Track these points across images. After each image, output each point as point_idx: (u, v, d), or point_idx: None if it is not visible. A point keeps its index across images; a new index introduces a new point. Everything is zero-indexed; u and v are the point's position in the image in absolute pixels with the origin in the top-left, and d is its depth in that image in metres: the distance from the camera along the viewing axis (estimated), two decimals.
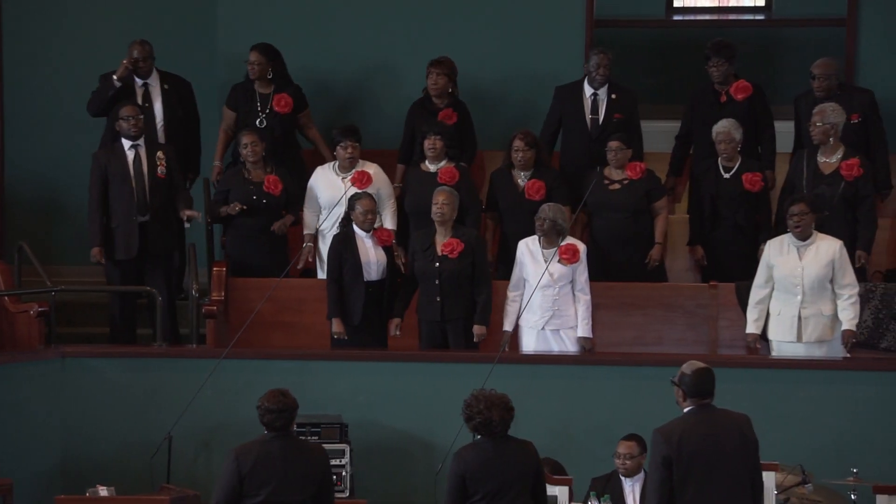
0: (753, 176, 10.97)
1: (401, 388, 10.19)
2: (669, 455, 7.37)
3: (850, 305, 10.16)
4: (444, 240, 10.49)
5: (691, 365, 7.61)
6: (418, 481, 9.98)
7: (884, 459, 9.50)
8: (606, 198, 10.97)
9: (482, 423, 7.71)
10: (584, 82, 11.49)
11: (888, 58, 12.05)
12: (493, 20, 12.28)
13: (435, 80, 11.51)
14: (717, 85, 11.40)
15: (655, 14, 13.79)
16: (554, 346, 10.42)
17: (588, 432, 9.94)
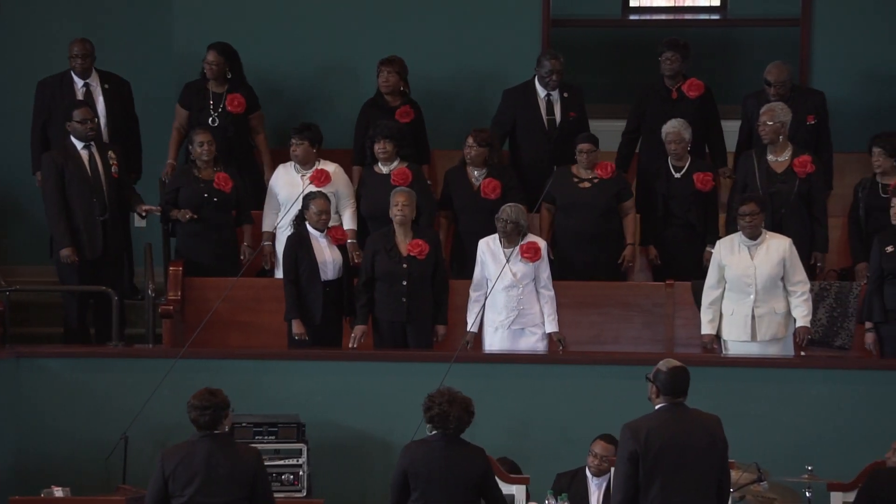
0: (705, 175, 11.02)
1: (358, 387, 10.18)
2: (636, 450, 7.38)
3: (802, 302, 10.22)
4: (405, 240, 10.48)
5: (667, 363, 7.63)
6: (375, 480, 9.97)
7: (838, 457, 9.55)
8: (576, 196, 10.99)
9: (439, 414, 7.71)
10: (535, 83, 11.51)
11: (841, 58, 12.12)
12: (449, 19, 12.29)
13: (386, 78, 11.50)
14: (667, 80, 11.44)
15: (611, 14, 13.83)
16: (520, 344, 10.43)
17: (546, 431, 9.96)
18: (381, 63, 11.54)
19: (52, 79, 11.62)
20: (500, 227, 10.42)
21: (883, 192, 10.73)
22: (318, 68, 12.31)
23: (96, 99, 11.55)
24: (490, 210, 10.88)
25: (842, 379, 9.96)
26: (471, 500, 7.70)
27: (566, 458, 9.42)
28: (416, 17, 12.29)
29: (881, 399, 9.84)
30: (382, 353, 10.43)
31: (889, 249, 10.17)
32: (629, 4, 13.95)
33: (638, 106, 11.52)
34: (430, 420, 7.76)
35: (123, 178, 11.18)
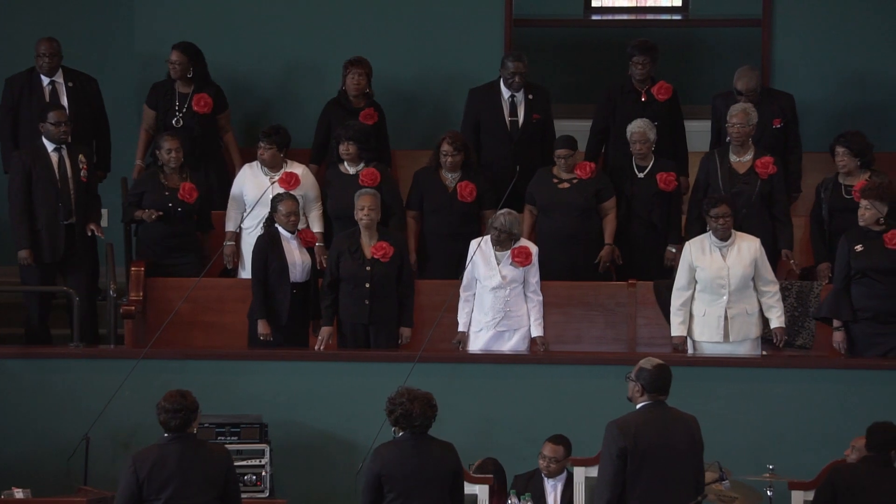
0: (668, 176, 11.05)
1: (321, 387, 10.17)
2: (626, 447, 7.39)
3: (776, 303, 10.28)
4: (370, 242, 10.48)
5: (650, 361, 7.66)
6: (338, 481, 9.96)
7: (799, 456, 9.60)
8: (555, 197, 11.01)
9: (403, 414, 7.71)
10: (500, 84, 11.52)
11: (803, 58, 12.18)
12: (411, 19, 12.29)
13: (357, 80, 11.49)
14: (636, 83, 11.48)
15: (573, 13, 13.85)
16: (504, 346, 10.45)
17: (509, 431, 9.97)
18: (349, 64, 11.53)
19: (20, 76, 11.56)
20: (494, 236, 10.41)
21: (846, 194, 10.77)
22: (285, 67, 12.30)
23: (61, 97, 11.50)
24: (463, 213, 10.91)
25: (803, 378, 10.01)
26: (445, 496, 7.70)
27: (529, 457, 9.44)
28: (378, 17, 12.29)
29: (842, 398, 9.89)
30: (345, 353, 10.43)
31: (858, 248, 10.22)
32: (591, 4, 13.97)
33: (605, 106, 11.55)
34: (395, 422, 7.75)
35: (92, 182, 11.13)
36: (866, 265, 10.17)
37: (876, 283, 10.15)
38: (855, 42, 12.15)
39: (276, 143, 11.04)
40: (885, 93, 12.18)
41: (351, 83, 11.50)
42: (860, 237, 10.24)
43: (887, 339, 10.15)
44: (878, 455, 8.07)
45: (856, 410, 9.76)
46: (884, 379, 9.92)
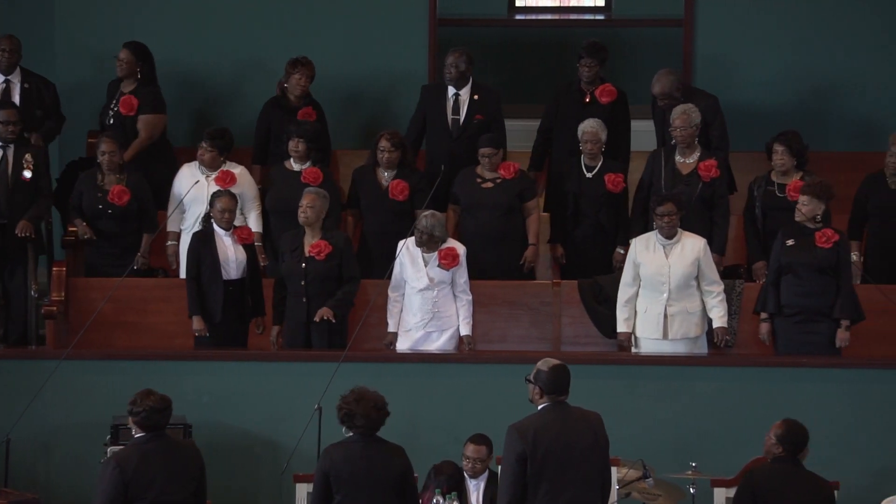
0: (616, 176, 11.09)
1: (246, 387, 10.14)
2: (524, 451, 7.41)
3: (718, 303, 10.34)
4: (312, 241, 10.47)
5: (547, 362, 7.67)
6: (263, 481, 9.93)
7: (721, 453, 9.67)
8: (479, 197, 11.02)
9: (347, 414, 7.72)
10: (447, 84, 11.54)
11: (725, 58, 12.27)
12: (342, 19, 12.29)
13: (301, 80, 11.48)
14: (583, 84, 11.51)
15: (498, 13, 13.88)
16: (433, 347, 10.45)
17: (433, 430, 9.98)
18: (295, 64, 11.51)
19: None
20: (417, 237, 10.42)
21: (779, 192, 10.84)
22: (230, 66, 12.27)
23: (13, 96, 11.42)
24: (397, 211, 10.91)
25: (725, 375, 10.09)
26: (393, 498, 7.69)
27: (455, 456, 9.44)
28: (311, 16, 12.27)
29: (764, 395, 9.97)
30: (269, 353, 10.40)
31: (790, 243, 10.31)
32: (515, 4, 14.01)
33: (552, 106, 11.58)
34: (340, 421, 7.76)
35: (40, 182, 11.01)
36: (794, 261, 10.26)
37: (802, 279, 10.24)
38: (776, 41, 12.26)
39: (218, 146, 11.04)
40: (807, 92, 12.29)
41: (296, 83, 11.50)
42: (795, 232, 10.33)
43: (810, 336, 10.24)
44: (789, 456, 8.11)
45: (778, 408, 9.83)
46: (805, 377, 10.02)
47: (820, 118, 12.16)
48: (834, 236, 10.23)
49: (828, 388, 9.97)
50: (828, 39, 12.19)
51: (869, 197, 10.99)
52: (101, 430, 9.68)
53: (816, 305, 10.22)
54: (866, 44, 12.13)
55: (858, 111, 12.20)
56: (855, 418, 9.89)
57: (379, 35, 12.27)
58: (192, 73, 12.25)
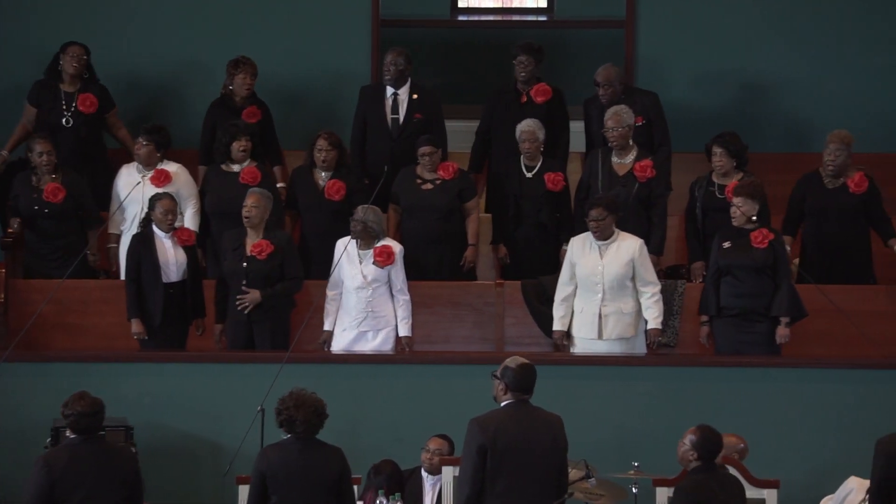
0: (556, 176, 11.12)
1: (187, 389, 10.10)
2: (485, 444, 7.42)
3: (653, 304, 10.37)
4: (254, 241, 10.45)
5: (515, 360, 7.69)
6: (205, 483, 9.90)
7: (663, 452, 9.67)
8: (418, 198, 11.02)
9: (286, 420, 7.71)
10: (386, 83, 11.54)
11: (667, 59, 12.33)
12: (286, 19, 12.28)
13: (245, 80, 11.46)
14: (519, 84, 11.54)
15: (440, 14, 13.89)
16: (368, 346, 10.44)
17: (378, 431, 9.97)
18: (236, 64, 11.49)
19: None
20: (352, 227, 10.43)
21: (720, 193, 10.90)
22: (171, 67, 12.22)
23: None
24: (334, 211, 10.89)
25: (666, 375, 10.14)
26: (331, 500, 7.68)
27: (398, 457, 9.44)
28: (257, 16, 12.25)
29: (706, 394, 10.02)
30: (211, 354, 10.37)
31: (726, 245, 10.37)
32: (458, 5, 14.02)
33: (489, 107, 11.60)
34: (280, 425, 7.75)
35: None
36: (732, 262, 10.32)
37: (740, 280, 10.30)
38: (717, 42, 12.32)
39: (155, 141, 11.00)
40: (748, 92, 12.36)
41: (240, 83, 11.47)
42: (731, 234, 10.39)
43: (750, 336, 10.30)
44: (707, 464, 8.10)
45: (719, 407, 9.90)
46: (747, 376, 10.07)
47: (756, 119, 12.23)
48: (769, 235, 10.30)
49: (768, 387, 10.04)
50: (765, 40, 12.26)
51: (805, 197, 11.06)
52: (42, 433, 9.62)
53: (755, 305, 10.28)
54: (801, 45, 12.21)
55: (793, 112, 12.28)
56: (795, 417, 9.95)
57: (322, 36, 12.26)
58: (132, 74, 12.19)
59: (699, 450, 7.98)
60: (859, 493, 8.84)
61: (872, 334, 10.06)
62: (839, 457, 9.69)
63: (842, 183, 11.00)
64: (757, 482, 8.88)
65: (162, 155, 11.07)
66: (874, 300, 10.77)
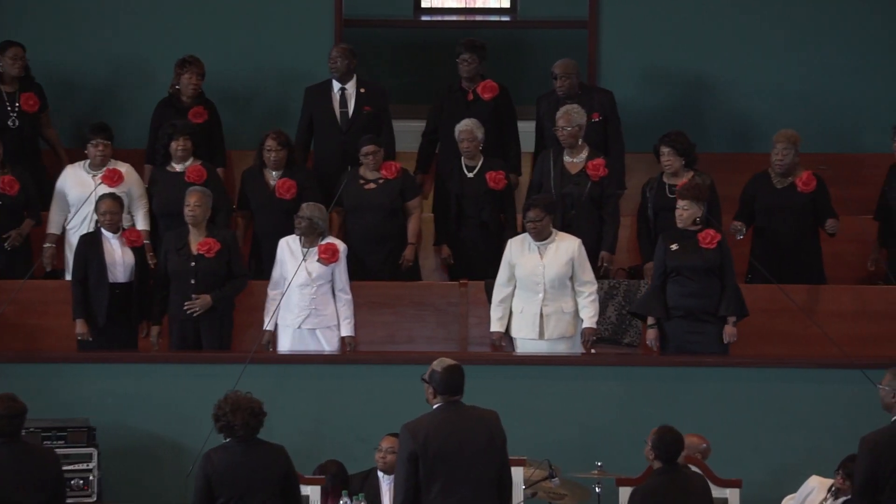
0: (497, 174, 11.14)
1: (150, 389, 10.07)
2: (415, 451, 7.44)
3: (590, 303, 10.40)
4: (198, 240, 10.41)
5: (441, 362, 7.69)
6: (168, 484, 9.87)
7: (626, 452, 9.72)
8: (362, 197, 11.03)
9: (225, 425, 7.70)
10: (332, 79, 11.53)
11: (628, 59, 12.37)
12: (243, 19, 12.24)
13: (193, 79, 11.42)
14: (464, 83, 11.55)
15: (403, 14, 13.89)
16: (311, 345, 10.43)
17: (340, 431, 9.97)
18: (183, 64, 11.45)
19: None
20: (297, 224, 10.42)
21: (670, 193, 10.94)
22: (111, 67, 12.16)
23: None
24: (286, 210, 10.86)
25: (629, 375, 10.16)
26: (276, 500, 7.67)
27: (360, 457, 9.45)
28: (210, 15, 12.21)
29: (669, 394, 10.05)
30: (175, 354, 10.34)
31: (674, 248, 10.40)
32: (421, 5, 14.02)
33: (436, 107, 11.61)
34: (219, 431, 7.73)
35: None
36: (680, 264, 10.34)
37: (689, 281, 10.33)
38: (679, 44, 12.36)
39: (111, 139, 10.98)
40: (710, 94, 12.41)
41: (187, 83, 11.43)
42: (677, 236, 10.42)
43: (700, 336, 10.33)
44: (669, 465, 8.13)
45: (681, 407, 9.93)
46: (708, 376, 10.11)
47: (706, 119, 12.28)
48: (716, 236, 10.34)
49: (731, 387, 10.07)
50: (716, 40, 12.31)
51: (756, 196, 11.11)
52: None
53: (703, 306, 10.30)
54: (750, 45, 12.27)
55: (739, 112, 12.34)
56: (757, 417, 9.99)
57: (286, 36, 12.24)
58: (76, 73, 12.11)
59: (656, 450, 8.03)
60: (820, 492, 8.90)
61: (830, 333, 10.11)
62: (800, 456, 9.74)
63: (790, 182, 11.06)
64: (719, 482, 8.91)
65: (111, 153, 11.04)
66: (831, 299, 10.83)
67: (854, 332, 10.64)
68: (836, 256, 11.24)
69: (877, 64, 12.22)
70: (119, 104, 12.13)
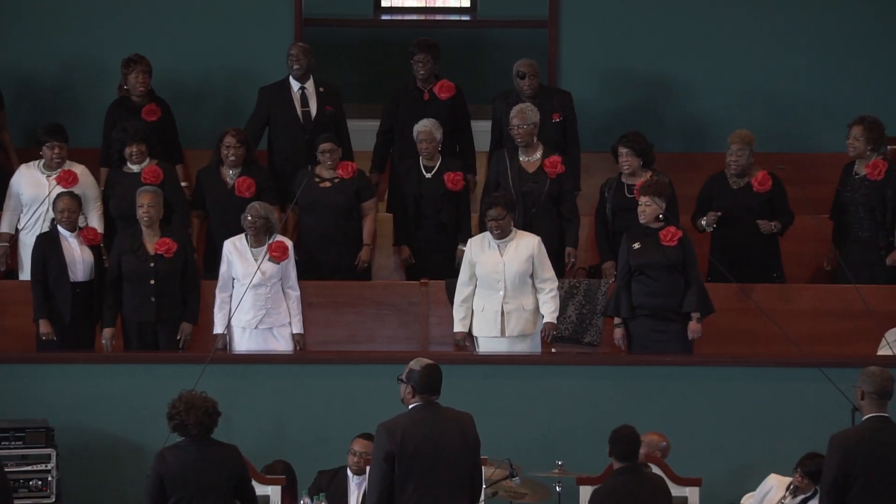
0: (455, 175, 11.14)
1: (109, 390, 10.03)
2: (392, 451, 7.42)
3: (550, 299, 10.42)
4: (152, 240, 10.38)
5: (420, 361, 7.68)
6: (127, 484, 9.83)
7: (587, 451, 9.74)
8: (317, 196, 11.02)
9: (178, 425, 7.69)
10: (290, 79, 11.50)
11: (587, 60, 12.38)
12: (200, 17, 12.20)
13: (140, 78, 11.37)
14: (419, 82, 11.55)
15: (363, 13, 13.88)
16: (267, 344, 10.41)
17: (302, 430, 9.95)
18: (128, 63, 11.41)
19: None
20: (248, 224, 10.40)
21: (628, 193, 10.98)
22: (64, 67, 12.10)
23: None
24: (243, 209, 10.82)
25: (591, 374, 10.18)
26: (229, 500, 7.66)
27: (322, 457, 9.43)
28: (164, 15, 12.17)
29: (629, 393, 10.07)
30: (134, 354, 10.30)
31: (636, 246, 10.43)
32: (381, 5, 14.02)
33: (391, 107, 11.61)
34: (173, 430, 7.71)
35: None
36: (643, 262, 10.38)
37: (652, 280, 10.36)
38: (638, 44, 12.39)
39: (66, 140, 10.93)
40: (667, 94, 12.45)
41: (134, 82, 11.39)
42: (639, 235, 10.45)
43: (664, 335, 10.37)
44: (629, 465, 8.16)
45: (641, 406, 9.96)
46: (668, 375, 10.14)
47: (661, 119, 12.32)
48: (678, 233, 10.37)
49: (690, 385, 10.10)
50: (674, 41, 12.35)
51: (713, 197, 11.15)
52: None
53: (667, 304, 10.33)
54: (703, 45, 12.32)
55: (695, 113, 12.38)
56: (717, 416, 10.03)
57: (245, 35, 12.21)
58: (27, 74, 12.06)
59: (614, 449, 8.05)
60: (779, 490, 8.94)
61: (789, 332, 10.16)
62: (760, 455, 9.77)
63: (746, 182, 11.11)
64: (679, 480, 8.94)
65: (66, 154, 11.00)
66: (790, 298, 10.89)
67: (813, 330, 10.70)
68: (794, 256, 11.30)
69: (832, 64, 12.28)
70: (73, 104, 12.08)
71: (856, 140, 11.03)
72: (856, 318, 10.63)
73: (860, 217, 11.04)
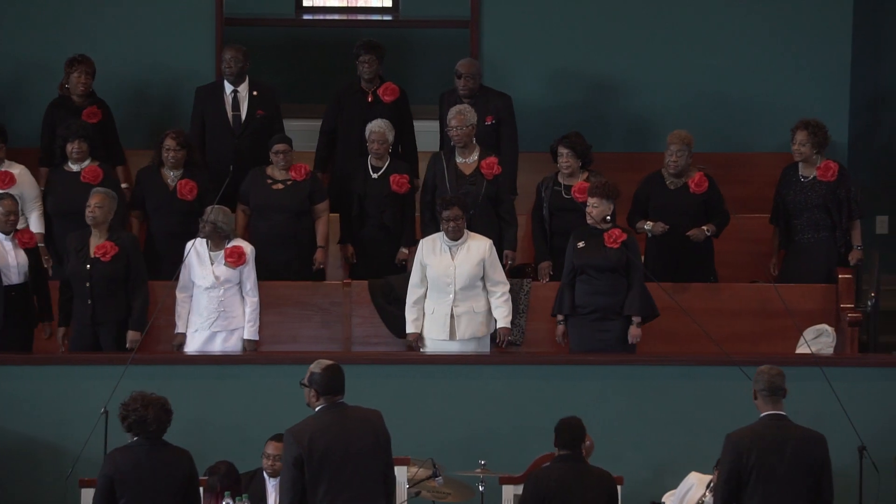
0: (401, 178, 11.14)
1: (27, 392, 9.96)
2: (300, 455, 7.43)
3: (503, 303, 10.45)
4: (98, 242, 10.32)
5: (319, 363, 7.68)
6: (48, 487, 9.76)
7: (510, 451, 9.79)
8: (269, 198, 10.98)
9: (137, 421, 7.64)
10: (224, 80, 11.47)
11: (512, 59, 12.41)
12: (129, 18, 12.15)
13: (82, 78, 11.31)
14: (364, 83, 11.54)
15: (285, 13, 13.85)
16: (220, 347, 10.40)
17: (224, 431, 9.92)
18: (72, 63, 11.34)
19: None
20: (200, 228, 10.37)
21: (566, 193, 11.00)
22: (9, 66, 11.99)
23: None
24: (185, 212, 10.83)
25: (513, 374, 10.22)
26: (179, 502, 7.64)
27: (244, 458, 9.40)
28: (100, 14, 12.10)
29: (551, 392, 10.12)
30: (54, 356, 10.23)
31: (580, 245, 10.47)
32: (302, 4, 13.99)
33: (334, 106, 11.58)
34: (129, 428, 7.67)
35: None
36: (585, 262, 10.43)
37: (594, 279, 10.42)
38: (561, 41, 12.43)
39: (4, 139, 10.85)
40: (592, 92, 12.50)
41: (76, 82, 11.33)
42: (585, 235, 10.50)
43: (604, 334, 10.42)
44: (570, 453, 8.26)
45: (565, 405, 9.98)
46: (590, 374, 10.19)
47: (599, 119, 12.38)
48: (621, 236, 10.43)
49: (611, 384, 10.16)
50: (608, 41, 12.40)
51: (649, 197, 11.21)
52: None
53: (608, 304, 10.39)
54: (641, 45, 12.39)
55: (634, 112, 12.45)
56: (636, 414, 10.09)
57: (166, 34, 12.15)
58: None
59: (556, 439, 8.22)
60: (699, 488, 9.01)
61: (714, 332, 10.24)
62: (680, 453, 9.85)
63: (683, 183, 11.18)
64: None
65: (2, 157, 10.92)
66: (723, 298, 10.98)
67: (747, 329, 10.81)
68: (728, 255, 11.37)
69: (769, 65, 12.37)
70: (16, 104, 11.97)
71: (801, 146, 11.12)
72: (778, 317, 10.73)
73: (815, 219, 11.09)
